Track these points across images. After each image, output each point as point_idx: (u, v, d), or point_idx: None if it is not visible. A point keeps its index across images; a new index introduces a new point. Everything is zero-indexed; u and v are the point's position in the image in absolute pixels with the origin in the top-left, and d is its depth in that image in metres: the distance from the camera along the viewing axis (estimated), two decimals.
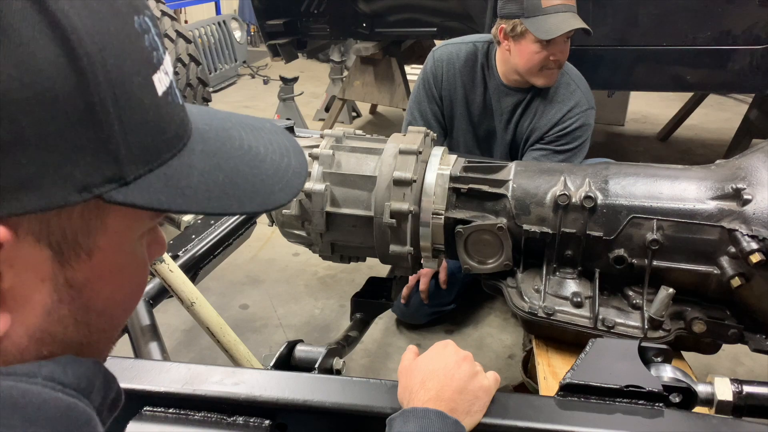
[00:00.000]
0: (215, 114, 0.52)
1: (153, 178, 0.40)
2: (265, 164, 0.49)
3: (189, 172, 0.43)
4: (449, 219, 1.31)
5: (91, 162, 0.37)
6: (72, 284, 0.40)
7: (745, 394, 0.96)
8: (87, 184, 0.37)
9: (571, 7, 1.99)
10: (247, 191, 0.46)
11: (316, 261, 2.29)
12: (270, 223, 1.46)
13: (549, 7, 1.95)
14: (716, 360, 1.94)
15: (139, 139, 0.39)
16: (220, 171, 0.45)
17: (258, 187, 0.47)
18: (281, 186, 0.49)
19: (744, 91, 4.46)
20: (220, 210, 0.45)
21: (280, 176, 0.49)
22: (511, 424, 0.90)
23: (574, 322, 1.22)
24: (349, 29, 3.77)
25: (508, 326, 2.50)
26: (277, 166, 0.50)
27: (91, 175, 0.37)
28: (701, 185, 1.21)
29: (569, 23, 1.97)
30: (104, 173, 0.38)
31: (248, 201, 0.46)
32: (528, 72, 2.08)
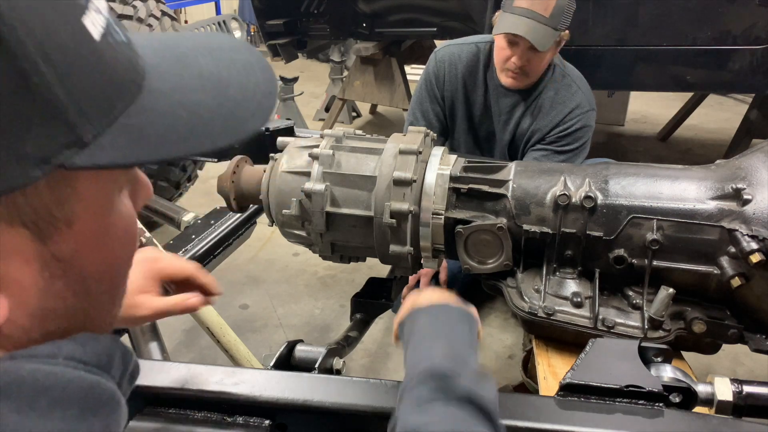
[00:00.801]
0: (166, 41, 0.47)
1: (113, 133, 0.37)
2: (230, 90, 0.45)
3: (150, 117, 0.40)
4: (449, 219, 1.31)
5: (42, 132, 0.34)
6: (60, 258, 0.39)
7: (745, 394, 0.96)
8: (44, 156, 0.34)
9: (538, 16, 1.92)
10: (217, 125, 0.43)
11: (316, 261, 2.29)
12: (270, 223, 1.46)
13: (516, 7, 1.94)
14: (716, 360, 1.94)
15: (85, 94, 0.36)
16: (182, 109, 0.41)
17: (227, 118, 0.43)
18: (252, 111, 0.45)
19: (744, 91, 4.46)
20: (191, 151, 0.41)
21: (249, 100, 0.45)
22: (511, 424, 0.90)
23: (574, 322, 1.22)
24: (349, 29, 3.77)
25: (508, 326, 2.50)
26: (244, 89, 0.45)
27: (45, 146, 0.34)
28: (701, 185, 1.21)
29: (517, 27, 1.92)
30: (58, 140, 0.35)
31: (220, 135, 0.42)
32: (497, 66, 2.11)
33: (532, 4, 1.91)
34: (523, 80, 2.09)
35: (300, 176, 1.35)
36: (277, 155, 1.43)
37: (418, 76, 2.50)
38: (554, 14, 1.92)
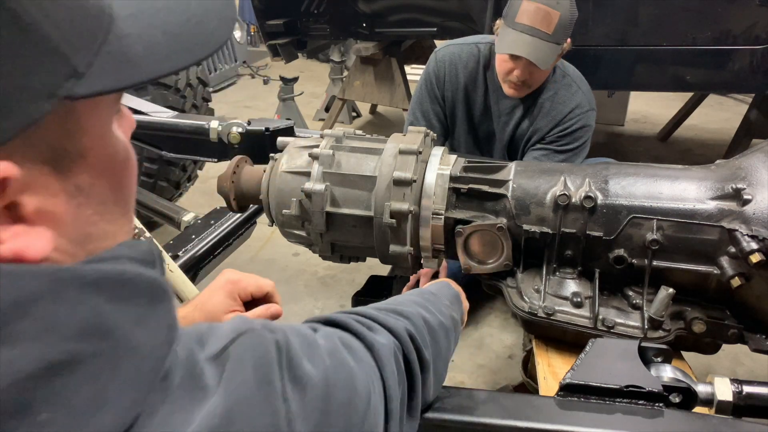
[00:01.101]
0: None
1: (101, 61, 0.40)
2: (190, 6, 0.47)
3: (128, 42, 0.42)
4: (449, 219, 1.31)
5: (42, 67, 0.37)
6: (81, 188, 0.42)
7: (745, 394, 0.96)
8: (49, 89, 0.37)
9: (541, 33, 1.87)
10: (189, 40, 0.45)
11: (316, 261, 2.30)
12: (270, 223, 1.46)
13: (518, 23, 1.90)
14: (716, 360, 1.94)
15: (70, 26, 0.38)
16: (154, 29, 0.44)
17: (197, 32, 0.46)
18: (217, 21, 0.48)
19: (744, 91, 4.46)
20: (175, 67, 0.44)
21: (211, 11, 0.48)
22: (511, 424, 0.90)
23: (574, 322, 1.22)
24: (349, 29, 3.77)
25: (508, 326, 2.50)
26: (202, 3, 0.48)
27: (48, 80, 0.37)
28: (701, 185, 1.21)
29: (518, 47, 1.89)
30: (58, 73, 0.38)
31: (195, 49, 0.46)
32: (498, 76, 2.09)
33: (534, 21, 1.87)
34: (525, 91, 2.09)
35: (300, 176, 1.35)
36: (277, 155, 1.43)
37: (418, 76, 2.50)
38: (557, 30, 1.88)
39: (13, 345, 0.34)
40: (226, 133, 1.96)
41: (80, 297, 0.37)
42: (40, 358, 0.34)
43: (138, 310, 0.41)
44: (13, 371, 0.33)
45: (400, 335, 0.72)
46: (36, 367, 0.34)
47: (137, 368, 0.40)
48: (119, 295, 0.40)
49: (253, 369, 0.47)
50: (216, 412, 0.42)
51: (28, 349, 0.34)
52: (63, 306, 0.36)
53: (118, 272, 0.40)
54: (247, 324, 0.52)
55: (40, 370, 0.34)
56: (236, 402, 0.44)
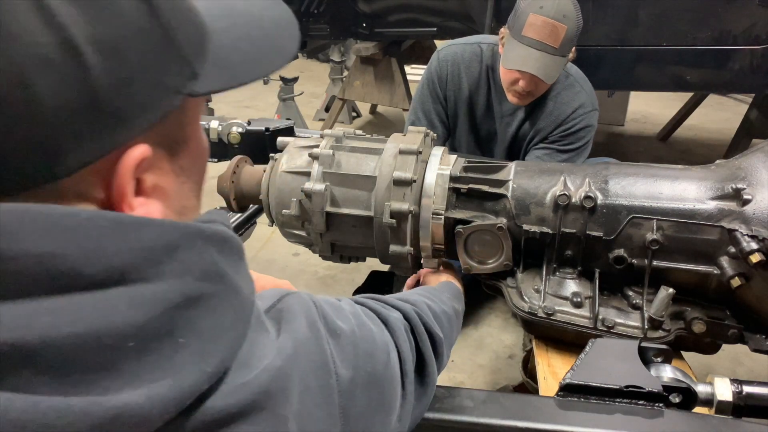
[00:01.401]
0: None
1: (209, 67, 0.48)
2: (264, 22, 0.56)
3: (226, 51, 0.50)
4: (449, 219, 1.31)
5: (175, 69, 0.45)
6: (184, 168, 0.50)
7: (745, 394, 0.96)
8: (177, 87, 0.46)
9: (548, 47, 1.85)
10: (270, 50, 0.54)
11: (316, 261, 2.29)
12: (270, 223, 1.46)
13: (525, 37, 1.87)
14: (716, 360, 1.93)
15: (191, 36, 0.47)
16: (241, 41, 0.53)
17: (275, 44, 0.55)
18: (286, 37, 0.57)
19: (744, 91, 4.46)
20: (262, 74, 0.53)
21: (282, 28, 0.57)
22: (511, 424, 0.90)
23: (574, 322, 1.22)
24: (349, 29, 3.77)
25: (508, 326, 2.50)
26: (272, 20, 0.57)
27: (178, 80, 0.46)
28: (701, 185, 1.21)
29: (526, 63, 1.88)
30: (184, 74, 0.46)
31: (275, 58, 0.54)
32: (503, 84, 2.08)
33: (542, 36, 1.84)
34: (529, 99, 2.08)
35: (300, 176, 1.35)
36: (277, 155, 1.43)
37: (417, 76, 2.50)
38: (564, 44, 1.86)
39: (161, 280, 0.41)
40: (226, 133, 1.96)
41: (203, 247, 0.45)
42: (181, 293, 0.42)
43: (235, 262, 0.49)
44: (165, 301, 0.41)
45: (409, 314, 0.80)
46: (179, 299, 0.42)
47: (241, 306, 0.48)
48: (223, 249, 0.47)
49: (304, 317, 0.57)
50: (286, 349, 0.51)
51: (173, 285, 0.42)
52: (193, 253, 0.44)
53: (221, 231, 0.48)
54: (285, 290, 0.61)
55: (181, 302, 0.42)
56: (298, 341, 0.53)
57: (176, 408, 0.40)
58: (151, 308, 0.40)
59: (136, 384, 0.38)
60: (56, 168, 0.40)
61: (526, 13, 1.87)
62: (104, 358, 0.38)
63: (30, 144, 0.38)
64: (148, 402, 0.38)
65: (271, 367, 0.48)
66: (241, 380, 0.46)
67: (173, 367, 0.40)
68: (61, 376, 0.36)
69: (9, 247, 0.36)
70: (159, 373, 0.39)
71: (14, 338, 0.35)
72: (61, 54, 0.38)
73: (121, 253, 0.40)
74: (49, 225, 0.38)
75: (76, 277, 0.38)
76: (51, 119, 0.38)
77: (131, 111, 0.42)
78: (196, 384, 0.41)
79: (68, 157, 0.40)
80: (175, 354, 0.41)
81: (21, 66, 0.36)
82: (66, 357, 0.36)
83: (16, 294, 0.36)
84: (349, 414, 0.56)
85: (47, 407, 0.35)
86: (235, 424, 0.44)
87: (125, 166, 0.44)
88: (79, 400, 0.36)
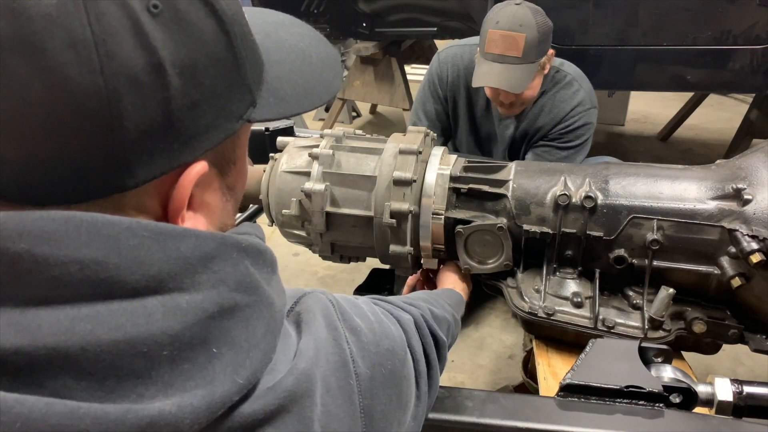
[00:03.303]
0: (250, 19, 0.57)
1: (265, 95, 0.51)
2: (312, 58, 0.59)
3: (279, 83, 0.53)
4: (449, 219, 1.31)
5: (238, 96, 0.48)
6: (229, 187, 0.53)
7: (746, 394, 0.96)
8: (239, 113, 0.48)
9: (510, 59, 1.87)
10: (318, 85, 0.57)
11: (316, 261, 2.29)
12: (270, 223, 1.46)
13: (488, 54, 1.90)
14: (716, 360, 1.93)
15: (253, 66, 0.50)
16: (295, 75, 0.56)
17: (322, 79, 0.58)
18: (332, 73, 0.60)
19: (744, 91, 4.46)
20: (310, 106, 0.56)
21: (328, 65, 0.60)
22: (511, 424, 0.90)
23: (574, 322, 1.22)
24: (349, 29, 3.77)
25: (508, 326, 2.50)
26: (319, 56, 0.60)
27: (240, 106, 0.48)
28: (701, 185, 1.21)
29: (488, 78, 1.90)
30: (246, 101, 0.49)
31: (322, 93, 0.57)
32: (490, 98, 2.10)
33: (501, 49, 1.87)
34: (518, 109, 2.10)
35: (300, 176, 1.35)
36: (277, 155, 1.42)
37: (418, 76, 2.50)
38: (527, 51, 1.87)
39: (197, 290, 0.42)
40: None
41: (238, 258, 0.46)
42: (216, 303, 0.43)
43: (268, 274, 0.50)
44: (200, 310, 0.41)
45: (416, 317, 0.81)
46: (214, 309, 0.42)
47: (273, 318, 0.49)
48: (257, 261, 0.48)
49: (322, 317, 0.57)
50: (308, 351, 0.52)
51: (209, 295, 0.42)
52: (228, 264, 0.45)
53: (256, 243, 0.49)
54: (302, 290, 0.62)
55: (216, 312, 0.42)
56: (319, 342, 0.54)
57: (207, 418, 0.40)
58: (186, 317, 0.41)
59: (170, 393, 0.39)
60: (127, 180, 0.42)
61: (486, 31, 1.91)
62: (139, 365, 0.38)
63: (109, 155, 0.40)
64: (180, 411, 0.38)
65: (295, 370, 0.49)
66: (268, 385, 0.46)
67: (206, 377, 0.41)
68: (98, 382, 0.37)
69: (53, 253, 0.37)
70: (192, 382, 0.40)
71: (56, 343, 0.36)
72: (149, 74, 0.40)
73: (160, 262, 0.41)
74: (92, 232, 0.39)
75: (116, 284, 0.39)
76: (131, 134, 0.40)
77: (199, 132, 0.45)
78: (228, 395, 0.42)
79: (139, 171, 0.42)
80: (209, 364, 0.42)
81: (114, 83, 0.39)
82: (104, 364, 0.37)
83: (58, 299, 0.37)
84: (371, 413, 0.56)
85: (85, 414, 0.35)
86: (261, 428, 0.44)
87: (186, 180, 0.46)
88: (115, 408, 0.36)
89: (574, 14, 2.68)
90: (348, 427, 0.53)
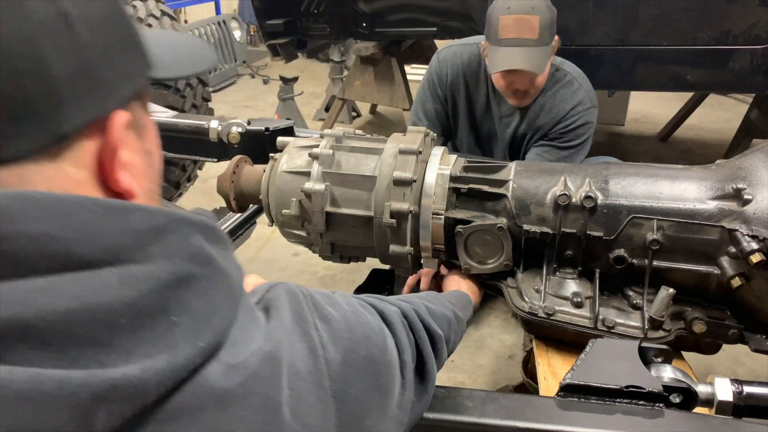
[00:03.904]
0: None
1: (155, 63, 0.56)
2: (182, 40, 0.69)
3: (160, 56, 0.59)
4: (449, 219, 1.31)
5: (138, 54, 0.54)
6: (149, 152, 0.56)
7: (746, 394, 0.96)
8: (144, 69, 0.54)
9: (528, 41, 1.88)
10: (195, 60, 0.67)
11: (316, 261, 2.29)
12: (270, 223, 1.46)
13: (504, 39, 1.91)
14: (716, 360, 1.93)
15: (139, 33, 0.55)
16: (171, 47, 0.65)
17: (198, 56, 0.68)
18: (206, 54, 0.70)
19: (744, 91, 4.46)
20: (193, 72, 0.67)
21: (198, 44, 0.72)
22: (511, 424, 0.90)
23: (574, 322, 1.22)
24: (349, 29, 3.77)
25: (508, 326, 2.50)
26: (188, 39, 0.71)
27: (142, 63, 0.54)
28: (701, 185, 1.21)
29: (511, 61, 1.91)
30: (145, 61, 0.55)
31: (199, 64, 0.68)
32: (500, 92, 2.10)
33: (518, 32, 1.88)
34: (530, 99, 2.11)
35: (300, 176, 1.35)
36: (277, 155, 1.42)
37: (417, 76, 2.50)
38: (542, 33, 1.89)
39: (150, 261, 0.44)
40: (226, 133, 1.95)
41: (190, 232, 0.48)
42: (171, 272, 0.45)
43: (223, 250, 0.52)
44: (155, 280, 0.43)
45: (406, 311, 0.82)
46: (169, 279, 0.44)
47: (230, 288, 0.51)
48: (210, 236, 0.51)
49: (290, 304, 0.59)
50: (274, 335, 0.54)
51: (163, 265, 0.44)
52: (180, 237, 0.47)
53: (206, 221, 0.52)
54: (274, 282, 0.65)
55: (171, 281, 0.44)
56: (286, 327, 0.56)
57: (172, 380, 0.42)
58: (141, 286, 0.42)
59: (132, 359, 0.40)
60: (64, 125, 0.45)
61: (497, 18, 1.91)
62: (100, 334, 0.40)
63: (39, 98, 0.43)
64: (144, 374, 0.40)
65: (260, 351, 0.50)
66: (233, 361, 0.48)
67: (167, 343, 0.43)
68: (59, 351, 0.38)
69: (6, 229, 0.39)
70: (154, 349, 0.42)
71: (11, 314, 0.37)
72: (57, 23, 0.44)
73: (111, 235, 0.43)
74: (41, 208, 0.41)
75: (70, 257, 0.40)
76: (59, 76, 0.44)
77: (116, 80, 0.50)
78: (191, 358, 0.44)
79: (72, 114, 0.45)
80: (169, 331, 0.43)
81: (29, 28, 0.42)
82: (62, 332, 0.38)
83: (13, 273, 0.38)
84: (344, 398, 0.57)
85: (48, 378, 0.36)
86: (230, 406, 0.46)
87: (114, 128, 0.49)
88: (79, 373, 0.37)
89: (574, 14, 2.68)
90: (319, 411, 0.54)
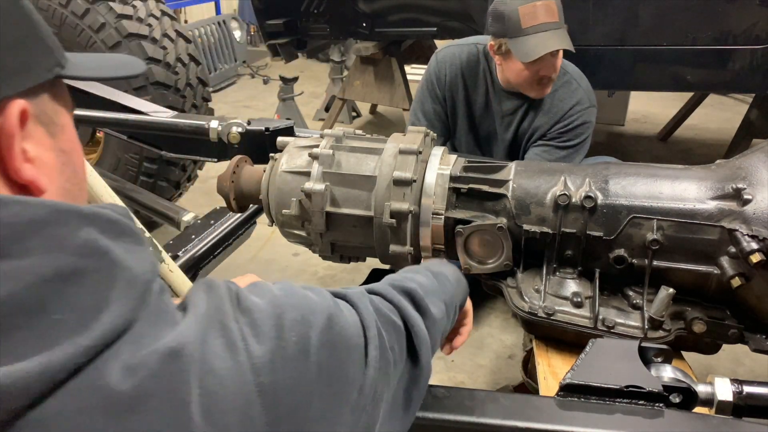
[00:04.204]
0: None
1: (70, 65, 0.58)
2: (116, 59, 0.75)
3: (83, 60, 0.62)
4: (449, 219, 1.31)
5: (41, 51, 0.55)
6: (64, 151, 0.57)
7: (745, 394, 0.96)
8: (48, 67, 0.55)
9: (553, 25, 1.93)
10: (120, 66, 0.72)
11: (316, 261, 2.30)
12: (270, 223, 1.46)
13: (529, 28, 1.92)
14: (716, 360, 1.93)
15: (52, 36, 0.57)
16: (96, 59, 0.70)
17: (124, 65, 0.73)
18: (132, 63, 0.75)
19: (744, 91, 4.46)
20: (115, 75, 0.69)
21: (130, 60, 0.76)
22: (511, 424, 0.90)
23: (574, 322, 1.22)
24: (349, 29, 3.77)
25: (508, 326, 2.50)
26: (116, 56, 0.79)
27: (47, 62, 0.55)
28: (701, 185, 1.21)
29: (549, 44, 1.92)
30: (52, 60, 0.56)
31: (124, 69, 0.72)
32: (519, 86, 2.10)
33: (543, 18, 1.92)
34: (551, 86, 2.12)
35: (300, 176, 1.35)
36: (277, 155, 1.43)
37: (417, 76, 2.50)
38: (560, 15, 1.96)
39: (27, 256, 0.42)
40: (226, 133, 1.95)
41: (79, 224, 0.47)
42: (51, 266, 0.43)
43: (126, 244, 0.51)
44: (29, 275, 0.41)
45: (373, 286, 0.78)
46: (47, 274, 0.42)
47: (129, 283, 0.49)
48: (110, 230, 0.49)
49: (206, 302, 0.57)
50: (185, 332, 0.51)
51: (40, 260, 0.43)
52: (66, 229, 0.46)
53: (107, 214, 0.51)
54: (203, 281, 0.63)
55: (51, 276, 0.43)
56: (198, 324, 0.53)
57: (41, 385, 0.39)
58: (13, 283, 0.40)
59: (3, 362, 0.38)
60: None
61: (516, 10, 1.92)
62: None
63: None
64: (8, 379, 0.38)
65: (162, 348, 0.47)
66: (132, 361, 0.45)
67: (44, 343, 0.40)
68: None
69: None
70: (27, 349, 0.39)
71: None
72: None
73: None
74: None
75: None
76: None
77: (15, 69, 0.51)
78: (71, 358, 0.41)
79: None
80: (50, 329, 0.41)
81: None
82: None
83: None
84: (273, 390, 0.54)
85: None
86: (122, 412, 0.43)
87: (9, 112, 0.50)
88: None
89: (574, 14, 2.68)
90: (241, 409, 0.50)
